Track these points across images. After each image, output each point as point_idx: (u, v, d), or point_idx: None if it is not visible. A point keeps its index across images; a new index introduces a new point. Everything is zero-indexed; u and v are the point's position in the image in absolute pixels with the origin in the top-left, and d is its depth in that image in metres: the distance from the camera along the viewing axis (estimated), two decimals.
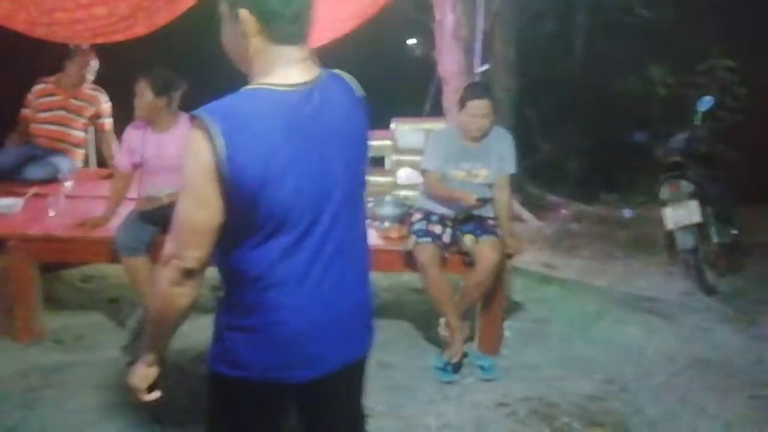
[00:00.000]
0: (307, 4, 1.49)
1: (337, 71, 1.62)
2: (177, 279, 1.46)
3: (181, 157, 3.47)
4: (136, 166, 3.57)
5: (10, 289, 3.54)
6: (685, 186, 4.65)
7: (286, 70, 1.48)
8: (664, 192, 4.73)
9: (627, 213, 6.14)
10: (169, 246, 1.47)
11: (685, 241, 4.59)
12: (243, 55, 1.50)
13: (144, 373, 1.62)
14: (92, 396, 3.12)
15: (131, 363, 3.37)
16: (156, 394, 1.65)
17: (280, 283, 1.49)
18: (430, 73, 6.31)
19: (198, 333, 3.76)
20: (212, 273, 4.51)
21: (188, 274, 1.46)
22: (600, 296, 4.49)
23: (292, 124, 1.45)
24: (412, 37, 9.03)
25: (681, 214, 4.56)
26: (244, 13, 1.44)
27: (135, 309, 3.65)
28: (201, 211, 1.42)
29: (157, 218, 3.42)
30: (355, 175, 1.59)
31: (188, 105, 3.59)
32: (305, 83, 1.49)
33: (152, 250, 3.41)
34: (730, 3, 6.77)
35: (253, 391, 1.56)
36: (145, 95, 3.42)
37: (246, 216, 1.43)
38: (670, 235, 4.73)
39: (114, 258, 3.48)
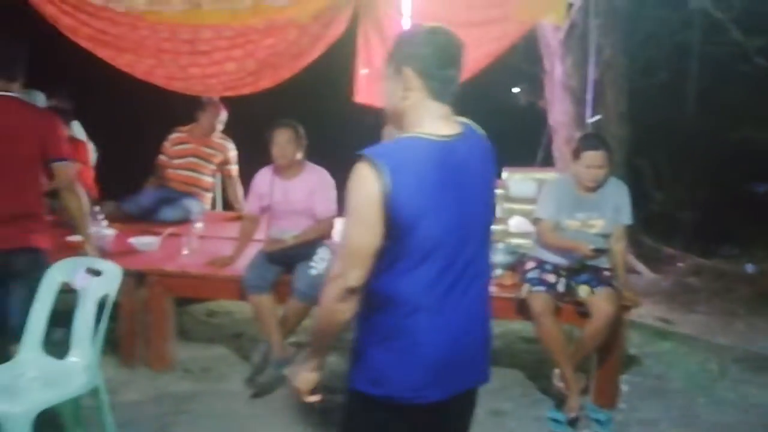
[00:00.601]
0: (459, 71, 1.72)
1: (469, 122, 1.83)
2: (341, 296, 1.64)
3: (305, 203, 3.71)
4: (264, 210, 3.81)
5: (149, 320, 3.84)
6: None
7: (435, 123, 1.71)
8: None
9: (749, 268, 5.84)
10: (335, 268, 1.66)
11: None
12: (399, 108, 1.74)
13: (307, 377, 1.81)
14: (220, 423, 3.32)
15: (256, 395, 3.58)
16: (317, 397, 1.83)
17: (423, 309, 1.67)
18: (537, 122, 6.35)
19: None
20: None
21: (351, 291, 1.64)
22: (721, 354, 4.29)
23: (442, 169, 1.66)
24: (518, 87, 9.12)
25: None
26: (408, 71, 1.70)
27: (257, 344, 3.84)
28: (366, 235, 1.62)
29: (282, 259, 3.63)
30: (487, 217, 1.82)
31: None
32: (452, 135, 1.72)
33: (276, 289, 3.62)
34: None
35: (393, 409, 1.71)
36: (291, 144, 3.66)
37: (399, 245, 1.63)
38: None
39: (241, 295, 3.70)
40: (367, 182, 1.60)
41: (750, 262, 5.93)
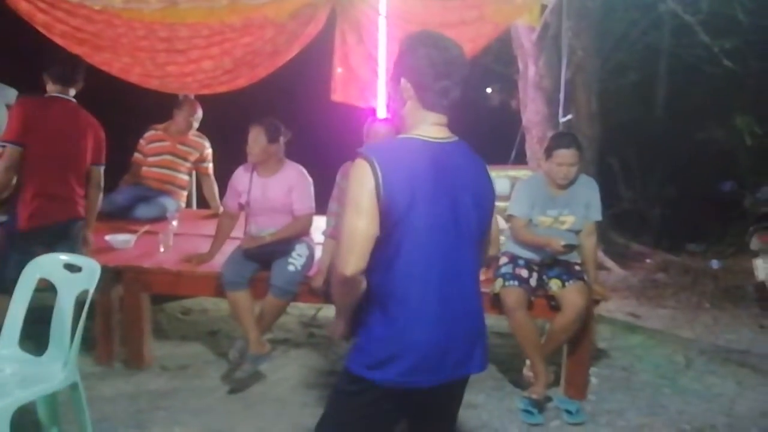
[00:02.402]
0: (456, 83, 1.82)
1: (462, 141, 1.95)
2: (345, 281, 1.78)
3: (283, 200, 3.76)
4: (242, 207, 3.83)
5: (124, 317, 3.85)
6: None
7: (429, 128, 1.84)
8: (755, 243, 4.69)
9: (714, 264, 6.01)
10: (338, 256, 1.81)
11: None
12: (398, 113, 1.89)
13: (338, 328, 1.97)
14: (197, 420, 3.33)
15: (232, 391, 3.60)
16: (348, 336, 1.99)
17: (417, 299, 1.79)
18: (509, 121, 6.47)
19: (292, 364, 3.99)
20: (302, 311, 4.72)
21: (353, 276, 1.76)
22: (687, 347, 4.44)
23: (432, 165, 1.79)
24: (491, 87, 9.24)
25: None
26: (404, 82, 1.85)
27: (234, 341, 3.87)
28: (363, 223, 1.75)
29: (260, 256, 3.66)
30: (480, 221, 1.90)
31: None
32: (443, 138, 1.85)
33: (253, 285, 3.65)
34: None
35: (385, 392, 1.82)
36: (259, 141, 3.67)
37: (392, 236, 1.75)
38: (761, 287, 4.66)
39: (218, 292, 3.73)
40: (363, 176, 1.74)
41: (715, 259, 6.11)
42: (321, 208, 3.80)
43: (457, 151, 1.88)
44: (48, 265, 2.97)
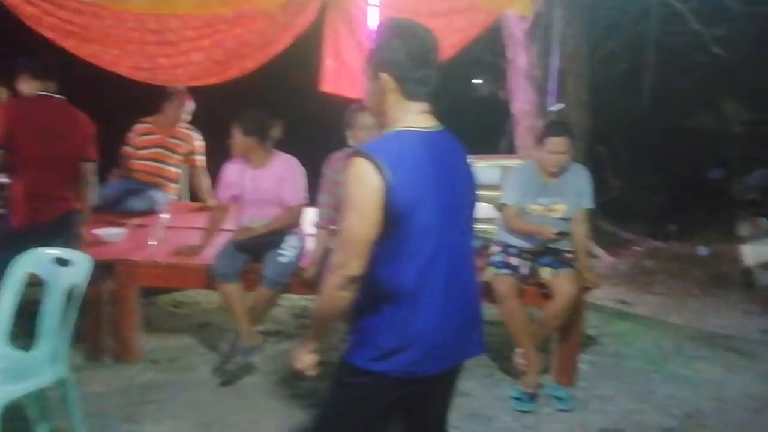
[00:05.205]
0: (434, 69, 1.83)
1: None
2: (342, 284, 1.76)
3: (274, 191, 3.74)
4: (234, 199, 3.83)
5: (114, 311, 3.83)
6: (765, 223, 4.63)
7: (416, 118, 1.83)
8: (742, 229, 4.74)
9: (702, 250, 6.05)
10: (336, 258, 1.77)
11: (765, 278, 4.55)
12: (380, 108, 1.86)
13: (307, 359, 1.94)
14: (188, 413, 3.33)
15: (224, 383, 3.60)
16: (314, 372, 1.97)
17: (420, 291, 1.79)
18: (496, 111, 6.47)
19: (283, 356, 3.99)
20: (293, 302, 4.70)
21: (352, 280, 1.76)
22: (675, 333, 4.47)
23: (433, 157, 1.79)
24: (479, 77, 9.22)
25: (761, 251, 4.54)
26: (384, 76, 1.82)
27: (224, 334, 3.86)
28: (364, 226, 1.73)
29: (251, 248, 3.66)
30: (471, 202, 1.93)
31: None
32: (433, 128, 1.85)
33: (245, 277, 3.65)
34: None
35: (388, 383, 1.83)
36: (236, 136, 3.69)
37: (396, 232, 1.74)
38: (747, 273, 4.71)
39: (209, 284, 3.72)
40: (368, 177, 1.71)
41: (703, 245, 6.15)
42: (313, 199, 3.79)
43: (447, 139, 1.89)
44: (36, 260, 2.95)
